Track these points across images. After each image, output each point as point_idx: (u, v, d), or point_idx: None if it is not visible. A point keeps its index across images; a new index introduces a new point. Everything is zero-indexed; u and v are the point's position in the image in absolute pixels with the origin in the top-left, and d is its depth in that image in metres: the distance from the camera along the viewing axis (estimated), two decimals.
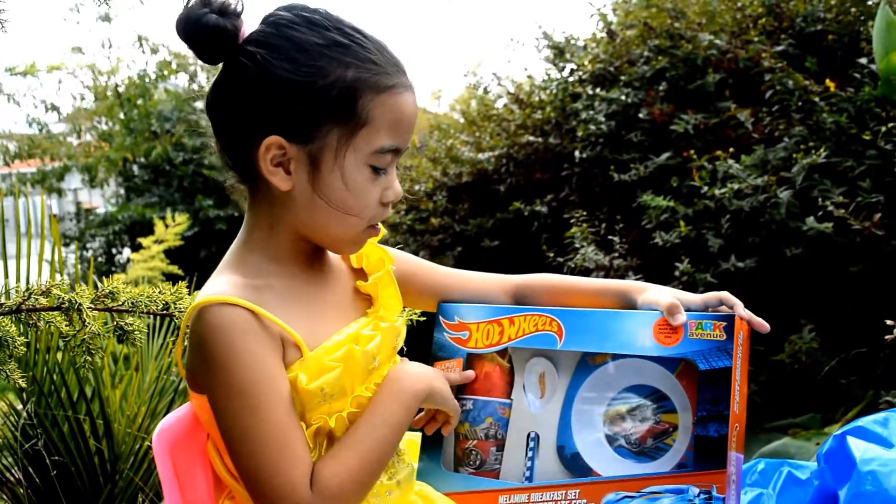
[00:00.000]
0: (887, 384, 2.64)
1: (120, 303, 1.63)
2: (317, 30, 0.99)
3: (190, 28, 0.98)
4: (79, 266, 6.95)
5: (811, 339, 2.82)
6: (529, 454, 1.17)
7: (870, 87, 3.04)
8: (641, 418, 1.11)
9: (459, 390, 1.22)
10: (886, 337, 1.73)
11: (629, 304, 1.18)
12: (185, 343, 1.07)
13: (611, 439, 1.13)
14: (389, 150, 1.02)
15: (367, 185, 1.02)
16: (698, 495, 1.02)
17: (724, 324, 1.06)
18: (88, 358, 1.61)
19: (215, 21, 0.97)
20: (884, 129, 2.81)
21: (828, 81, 3.12)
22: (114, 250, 7.75)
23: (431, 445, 1.22)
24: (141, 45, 7.56)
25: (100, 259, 7.55)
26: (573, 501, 1.10)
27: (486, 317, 1.21)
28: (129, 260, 6.63)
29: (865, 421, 1.31)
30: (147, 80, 7.63)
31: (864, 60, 3.20)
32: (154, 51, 7.62)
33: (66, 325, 1.60)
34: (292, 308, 1.03)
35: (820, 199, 2.81)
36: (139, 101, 7.59)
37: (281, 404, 0.97)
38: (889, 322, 1.73)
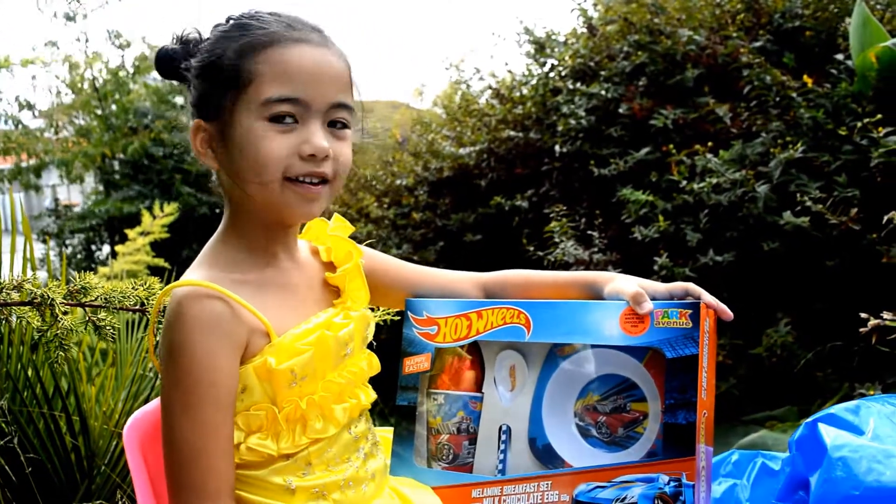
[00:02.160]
0: (862, 377, 2.66)
1: (93, 298, 1.62)
2: (230, 22, 1.07)
3: (157, 62, 1.11)
4: (55, 262, 6.90)
5: (787, 332, 2.85)
6: (502, 447, 1.17)
7: (846, 82, 3.07)
8: (612, 408, 1.12)
9: (430, 384, 1.22)
10: (861, 330, 1.74)
11: (596, 294, 1.19)
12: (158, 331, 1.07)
13: (582, 430, 1.13)
14: (281, 100, 1.01)
15: (265, 135, 1.01)
16: (668, 483, 1.02)
17: (690, 311, 1.06)
18: (62, 353, 1.60)
19: (171, 50, 1.09)
20: (860, 124, 2.84)
21: (805, 77, 3.15)
22: (93, 246, 7.69)
23: (403, 440, 1.22)
24: (112, 40, 7.51)
25: (79, 255, 7.49)
26: (545, 493, 1.11)
27: (454, 311, 1.21)
28: (108, 256, 6.57)
29: (837, 409, 1.32)
30: (125, 74, 7.57)
31: (840, 56, 3.23)
32: (127, 45, 7.57)
33: (38, 321, 1.59)
34: (264, 298, 1.04)
35: (798, 194, 2.83)
36: (116, 97, 7.53)
37: (214, 411, 0.97)
38: (864, 315, 1.74)
